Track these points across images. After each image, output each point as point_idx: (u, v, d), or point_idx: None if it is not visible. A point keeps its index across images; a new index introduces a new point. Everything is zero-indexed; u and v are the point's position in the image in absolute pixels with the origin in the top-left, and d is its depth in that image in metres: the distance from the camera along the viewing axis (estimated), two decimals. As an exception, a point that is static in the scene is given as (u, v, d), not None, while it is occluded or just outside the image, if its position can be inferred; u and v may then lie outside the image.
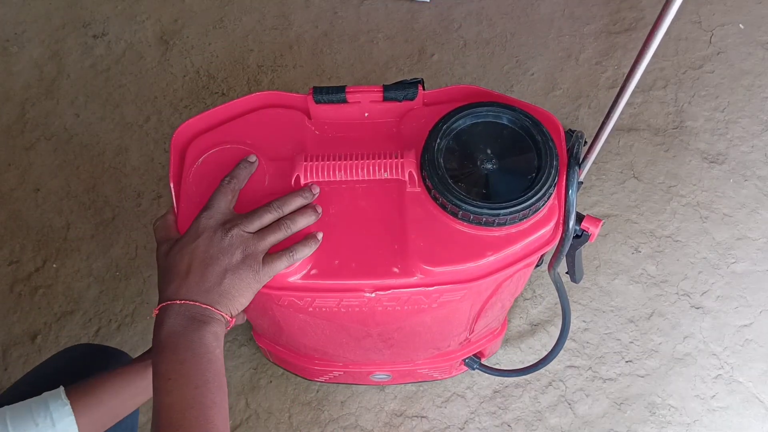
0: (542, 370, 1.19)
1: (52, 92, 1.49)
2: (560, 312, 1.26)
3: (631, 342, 1.23)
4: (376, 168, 0.64)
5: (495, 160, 0.64)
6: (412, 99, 0.70)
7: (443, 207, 0.63)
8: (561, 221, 0.66)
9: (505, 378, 1.18)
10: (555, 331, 1.23)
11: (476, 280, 0.63)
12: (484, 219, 0.62)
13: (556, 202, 0.65)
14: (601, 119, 0.69)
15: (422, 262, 0.62)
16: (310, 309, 0.68)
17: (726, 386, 1.19)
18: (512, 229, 0.63)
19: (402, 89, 0.70)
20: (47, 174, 1.37)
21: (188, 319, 0.55)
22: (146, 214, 1.32)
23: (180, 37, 1.57)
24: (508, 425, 1.14)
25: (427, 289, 0.63)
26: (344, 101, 0.69)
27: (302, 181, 0.64)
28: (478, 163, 0.64)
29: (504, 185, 0.63)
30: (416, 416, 1.15)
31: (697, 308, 1.27)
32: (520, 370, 1.11)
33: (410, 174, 0.64)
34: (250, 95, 0.70)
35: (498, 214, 0.61)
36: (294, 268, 0.61)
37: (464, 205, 0.61)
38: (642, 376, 1.19)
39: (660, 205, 1.38)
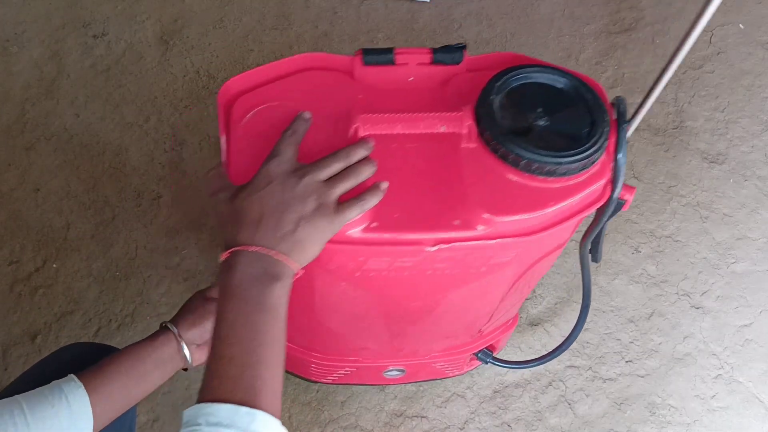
0: (542, 370, 1.19)
1: (52, 92, 1.49)
2: (559, 312, 1.26)
3: (631, 342, 1.23)
4: (435, 121, 0.64)
5: (547, 117, 0.66)
6: (458, 63, 0.71)
7: (503, 157, 0.63)
8: (610, 179, 0.67)
9: (505, 378, 1.18)
10: (555, 331, 1.23)
11: (537, 233, 0.64)
12: (546, 168, 0.62)
13: (604, 159, 0.68)
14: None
15: (484, 212, 0.62)
16: (358, 274, 0.67)
17: (726, 386, 1.19)
18: (569, 181, 0.64)
19: (450, 52, 0.71)
20: (47, 174, 1.37)
21: (260, 269, 0.54)
22: (146, 214, 1.32)
23: (180, 37, 1.57)
24: (508, 425, 1.14)
25: (488, 242, 0.63)
26: (392, 62, 0.69)
27: (360, 133, 0.64)
28: (532, 119, 0.66)
29: (559, 139, 0.64)
30: (416, 416, 1.15)
31: (697, 308, 1.27)
32: (533, 361, 1.10)
33: (469, 126, 0.65)
34: (294, 56, 0.70)
35: (560, 163, 0.62)
36: (359, 218, 0.61)
37: (527, 154, 0.62)
38: (642, 376, 1.19)
39: (660, 205, 1.38)
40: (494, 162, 0.64)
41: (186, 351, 0.74)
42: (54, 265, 1.27)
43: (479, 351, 1.05)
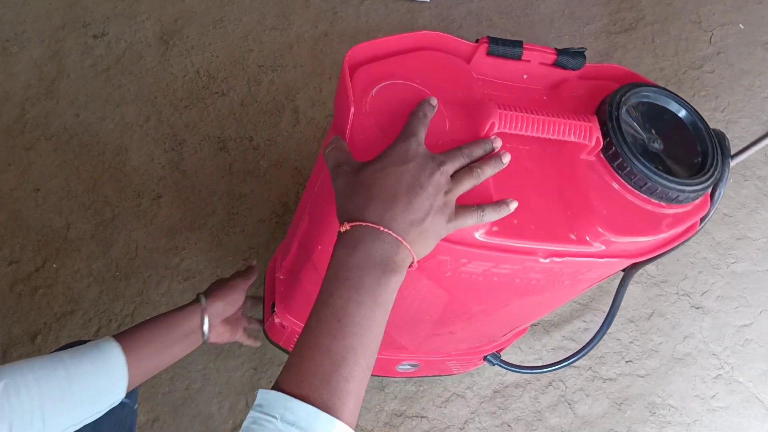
0: (542, 370, 1.19)
1: (52, 92, 1.49)
2: (559, 312, 1.26)
3: (631, 342, 1.23)
4: (566, 128, 0.62)
5: (660, 141, 0.66)
6: (577, 69, 0.69)
7: (628, 177, 0.62)
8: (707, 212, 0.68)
9: (505, 378, 1.18)
10: (555, 331, 1.23)
11: (643, 256, 0.64)
12: (669, 194, 0.62)
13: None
14: None
15: (603, 229, 0.61)
16: (449, 274, 0.65)
17: (726, 386, 1.19)
18: (681, 209, 0.64)
19: (573, 57, 0.69)
20: (47, 174, 1.37)
21: (384, 255, 0.49)
22: (146, 214, 1.32)
23: (180, 37, 1.57)
24: (508, 425, 1.14)
25: (599, 260, 0.62)
26: (518, 57, 0.67)
27: (496, 129, 0.61)
28: (648, 141, 0.65)
29: (675, 165, 0.64)
30: (416, 416, 1.15)
31: (697, 308, 1.27)
32: (538, 368, 1.10)
33: (597, 139, 0.63)
34: (418, 32, 0.68)
35: (683, 191, 0.62)
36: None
37: (654, 177, 0.61)
38: (642, 376, 1.19)
39: (660, 205, 1.38)
40: (615, 179, 0.63)
41: (206, 325, 0.74)
42: (54, 265, 1.27)
43: (490, 354, 1.06)
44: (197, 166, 1.38)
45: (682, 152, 0.65)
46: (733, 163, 0.72)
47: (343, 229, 0.50)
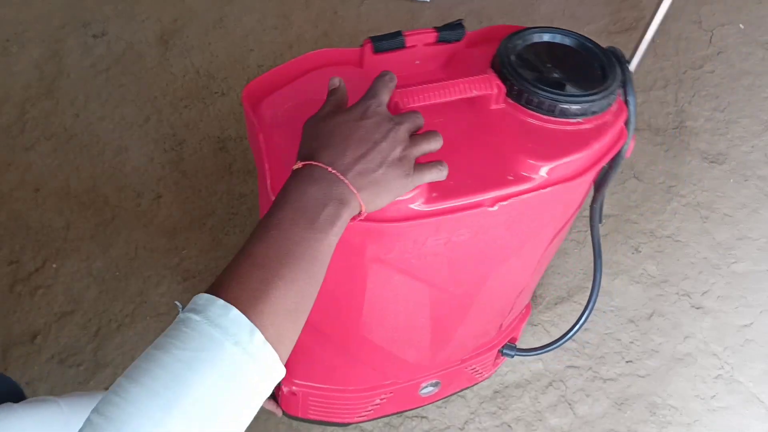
0: (542, 370, 1.19)
1: (52, 92, 1.49)
2: (559, 313, 1.25)
3: (632, 342, 1.23)
4: (466, 86, 0.65)
5: (560, 70, 0.69)
6: (460, 39, 0.73)
7: (539, 107, 0.66)
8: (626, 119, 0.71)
9: (505, 378, 1.18)
10: (555, 330, 1.23)
11: (583, 174, 0.66)
12: (581, 109, 0.65)
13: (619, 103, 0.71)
14: None
15: (537, 160, 0.63)
16: (414, 261, 0.67)
17: (726, 386, 1.19)
18: (600, 120, 0.68)
19: (453, 29, 0.73)
20: (47, 174, 1.37)
21: (332, 192, 0.51)
22: (146, 214, 1.32)
23: (180, 37, 1.57)
24: (509, 425, 1.14)
25: (543, 191, 0.65)
26: (403, 45, 0.70)
27: (401, 108, 0.63)
28: (548, 73, 0.69)
29: (579, 85, 0.68)
30: (416, 416, 1.15)
31: (698, 308, 1.27)
32: (556, 342, 1.08)
33: (498, 86, 0.66)
34: (305, 55, 0.70)
35: (592, 100, 0.65)
36: (417, 193, 0.61)
37: (562, 98, 0.65)
38: (642, 376, 1.19)
39: (660, 205, 1.38)
40: (528, 114, 0.67)
41: None
42: (54, 265, 1.27)
43: (504, 346, 1.06)
44: (197, 166, 1.38)
45: (583, 73, 0.69)
46: (633, 64, 0.75)
47: (296, 167, 0.53)
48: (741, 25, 1.64)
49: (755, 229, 1.35)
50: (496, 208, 0.63)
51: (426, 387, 1.03)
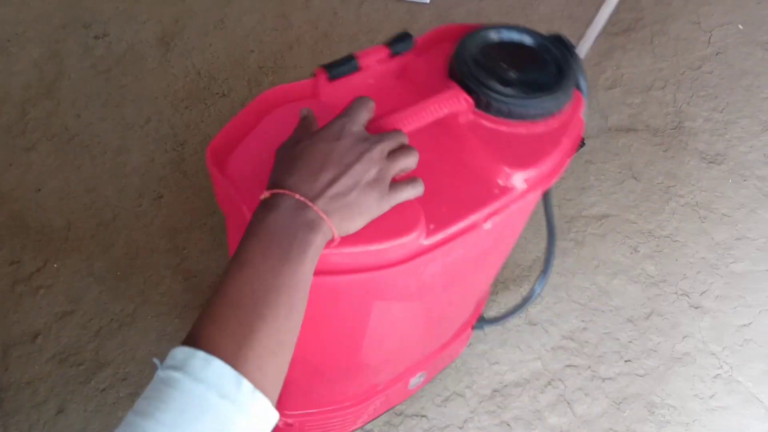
0: (541, 370, 1.19)
1: (52, 93, 1.49)
2: (558, 312, 1.26)
3: (630, 341, 1.23)
4: (436, 107, 0.65)
5: (517, 70, 0.69)
6: (411, 48, 0.72)
7: (508, 115, 0.66)
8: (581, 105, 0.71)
9: (504, 377, 1.18)
10: (554, 330, 1.24)
11: (559, 171, 0.67)
12: (546, 108, 0.66)
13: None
14: (600, 120, 0.72)
15: (518, 169, 0.64)
16: (413, 289, 0.67)
17: (725, 386, 1.19)
18: (564, 115, 0.68)
19: (402, 41, 0.71)
20: (48, 174, 1.37)
21: (297, 220, 0.49)
22: (146, 215, 1.33)
23: (181, 38, 1.57)
24: (507, 424, 1.15)
25: (529, 196, 0.65)
26: (356, 68, 0.69)
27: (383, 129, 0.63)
28: (506, 76, 0.68)
29: (539, 82, 0.68)
30: (416, 415, 1.15)
31: (696, 308, 1.27)
32: (514, 310, 1.12)
33: (466, 100, 0.66)
34: (256, 99, 0.68)
35: (558, 97, 0.66)
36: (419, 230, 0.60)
37: (530, 102, 0.65)
38: (641, 376, 1.20)
39: (659, 205, 1.38)
40: (498, 122, 0.66)
41: None
42: (54, 265, 1.27)
43: (476, 322, 1.08)
44: (198, 166, 1.39)
45: (539, 69, 0.69)
46: (583, 50, 0.75)
47: (263, 197, 0.51)
48: (740, 26, 1.64)
49: (754, 229, 1.36)
50: (489, 225, 0.63)
51: (415, 380, 1.04)
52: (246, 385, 0.42)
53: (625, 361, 1.21)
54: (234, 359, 0.42)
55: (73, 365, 1.16)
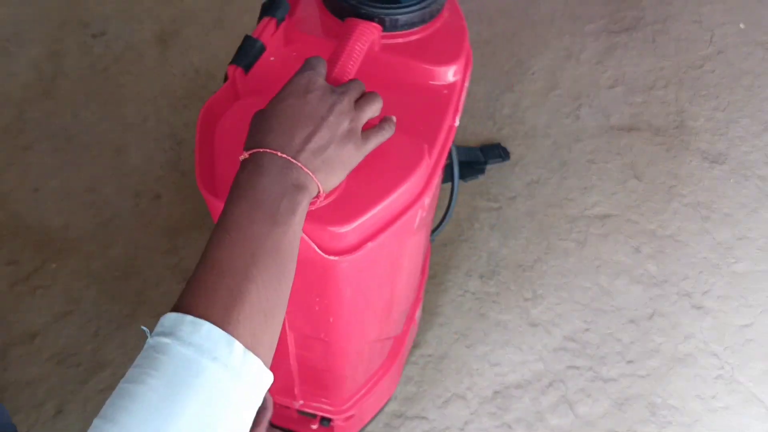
0: (543, 371, 1.19)
1: (51, 92, 1.48)
2: (560, 313, 1.25)
3: (632, 342, 1.22)
4: (359, 45, 0.64)
5: None
6: (288, 10, 0.70)
7: (411, 26, 0.67)
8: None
9: (506, 378, 1.18)
10: (556, 330, 1.23)
11: (469, 65, 0.71)
12: (441, 4, 0.68)
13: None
14: (602, 119, 0.71)
15: (451, 64, 0.66)
16: (426, 213, 0.69)
17: (726, 386, 1.19)
18: (447, 11, 0.70)
19: (278, 5, 0.69)
20: (46, 174, 1.37)
21: (288, 179, 0.48)
22: (145, 214, 1.32)
23: (179, 37, 1.56)
24: (509, 426, 1.14)
25: (466, 83, 0.69)
26: (263, 47, 0.66)
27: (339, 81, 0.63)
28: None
29: None
30: (416, 417, 1.14)
31: (698, 308, 1.26)
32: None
33: (375, 26, 0.66)
34: (199, 123, 0.65)
35: None
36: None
37: (427, 3, 0.66)
38: (643, 377, 1.19)
39: (661, 205, 1.38)
40: (407, 35, 0.68)
41: None
42: (53, 265, 1.26)
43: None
44: (197, 165, 1.38)
45: None
46: None
47: (242, 157, 0.49)
48: (741, 25, 1.64)
49: (755, 229, 1.35)
50: (458, 122, 0.67)
51: (417, 314, 1.06)
52: (238, 346, 0.41)
53: (627, 362, 1.21)
54: (224, 323, 0.41)
55: (72, 366, 1.15)
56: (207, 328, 0.41)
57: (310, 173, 0.49)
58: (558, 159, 1.43)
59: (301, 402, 0.94)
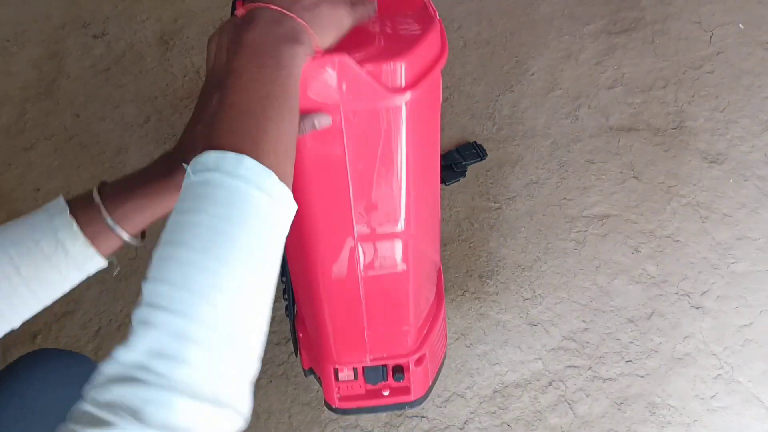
0: (542, 370, 1.19)
1: (51, 92, 1.49)
2: (559, 312, 1.26)
3: (631, 342, 1.23)
4: None
5: None
6: None
7: None
8: None
9: (505, 378, 1.18)
10: (555, 331, 1.23)
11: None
12: None
13: None
14: (601, 119, 0.71)
15: None
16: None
17: (726, 386, 1.19)
18: None
19: None
20: (47, 174, 1.37)
21: (283, 29, 0.51)
22: (146, 214, 1.32)
23: (180, 37, 1.57)
24: (508, 425, 1.14)
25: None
26: (235, 8, 0.68)
27: None
28: None
29: None
30: (416, 416, 1.15)
31: (697, 308, 1.27)
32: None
33: None
34: None
35: None
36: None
37: None
38: (642, 376, 1.19)
39: (660, 205, 1.38)
40: None
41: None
42: (54, 265, 1.26)
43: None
44: (197, 166, 1.38)
45: None
46: None
47: (239, 13, 0.53)
48: (741, 25, 1.64)
49: (755, 229, 1.35)
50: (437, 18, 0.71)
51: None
52: (273, 177, 0.45)
53: (626, 362, 1.21)
54: (257, 157, 0.44)
55: (73, 366, 1.16)
56: (249, 161, 0.44)
57: (304, 24, 0.52)
58: (557, 159, 1.43)
59: (371, 357, 0.95)
